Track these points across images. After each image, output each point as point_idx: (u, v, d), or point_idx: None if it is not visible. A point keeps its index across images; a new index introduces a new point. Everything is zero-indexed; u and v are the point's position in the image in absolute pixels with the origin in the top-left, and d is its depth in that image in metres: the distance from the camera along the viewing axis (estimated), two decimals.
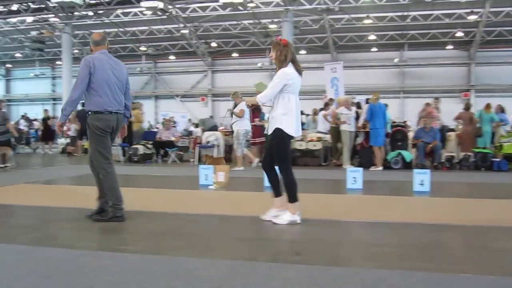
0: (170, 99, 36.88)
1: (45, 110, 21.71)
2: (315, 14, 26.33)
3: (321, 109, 16.13)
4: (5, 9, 28.51)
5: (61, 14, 27.02)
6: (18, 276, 3.48)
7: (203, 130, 14.73)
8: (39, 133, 24.88)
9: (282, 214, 5.38)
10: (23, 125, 22.50)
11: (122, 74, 5.61)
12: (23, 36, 32.65)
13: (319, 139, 13.97)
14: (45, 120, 19.93)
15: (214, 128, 15.20)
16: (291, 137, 5.37)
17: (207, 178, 8.62)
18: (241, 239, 4.85)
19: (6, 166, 12.71)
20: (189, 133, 21.43)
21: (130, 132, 15.34)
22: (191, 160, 14.22)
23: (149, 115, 27.90)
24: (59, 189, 8.88)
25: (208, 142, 13.55)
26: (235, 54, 34.11)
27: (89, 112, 5.50)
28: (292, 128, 5.30)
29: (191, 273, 3.53)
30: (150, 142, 14.72)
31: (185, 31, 30.71)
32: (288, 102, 5.28)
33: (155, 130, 16.59)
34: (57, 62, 36.45)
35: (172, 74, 37.21)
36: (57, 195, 7.90)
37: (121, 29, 31.71)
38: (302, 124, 18.51)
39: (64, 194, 8.01)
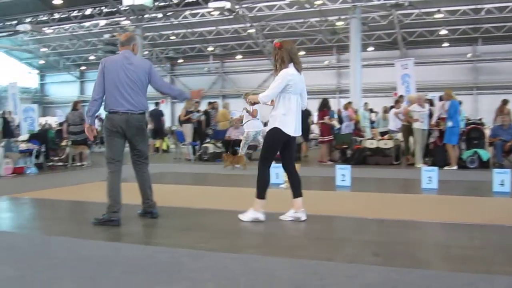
0: (237, 98, 37.12)
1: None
2: (384, 9, 25.76)
3: (392, 107, 15.78)
4: (80, 14, 29.69)
5: (132, 17, 27.81)
6: (102, 272, 3.58)
7: None
8: None
9: (248, 211, 5.45)
10: (97, 125, 23.23)
11: (137, 74, 5.47)
12: (96, 39, 33.81)
13: (391, 138, 13.66)
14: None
15: None
16: (288, 136, 5.39)
17: (278, 176, 8.59)
18: (316, 238, 4.80)
19: (82, 165, 13.23)
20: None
21: (200, 131, 15.58)
22: None
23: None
24: (132, 187, 9.11)
25: None
26: (301, 52, 33.94)
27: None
28: (291, 128, 5.38)
29: (271, 272, 3.51)
30: (220, 141, 14.88)
31: (252, 30, 30.89)
32: (289, 103, 5.36)
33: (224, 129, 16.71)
34: None
35: (239, 73, 37.53)
36: (130, 193, 8.11)
37: (189, 30, 32.26)
38: (372, 122, 18.31)
39: (137, 192, 8.20)
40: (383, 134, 15.34)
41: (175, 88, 5.98)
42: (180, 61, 38.26)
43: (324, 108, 13.79)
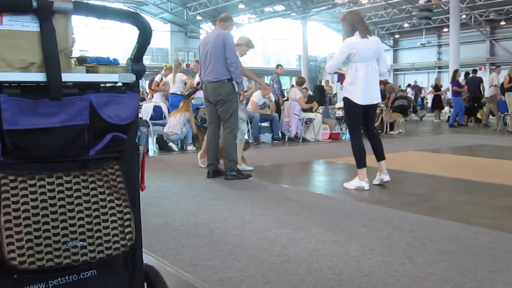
0: None
1: (436, 79, 21.77)
2: None
3: None
4: None
5: None
6: (416, 247, 3.34)
7: None
8: (425, 101, 25.17)
9: (353, 180, 5.56)
10: (410, 93, 23.00)
11: (215, 46, 6.06)
12: (411, 6, 33.31)
13: None
14: (435, 88, 19.88)
15: None
16: (360, 106, 5.38)
17: None
18: None
19: (400, 132, 13.18)
20: None
21: None
22: None
23: None
24: (446, 158, 8.64)
25: None
26: None
27: None
28: (359, 96, 5.36)
29: None
30: None
31: None
32: (356, 71, 5.38)
33: None
34: (444, 30, 36.07)
35: None
36: (444, 164, 7.67)
37: None
38: None
39: (451, 164, 7.72)
40: None
41: (237, 69, 6.14)
42: (502, 23, 34.92)
43: None
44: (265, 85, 10.75)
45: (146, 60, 31.09)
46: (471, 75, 16.99)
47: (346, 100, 5.55)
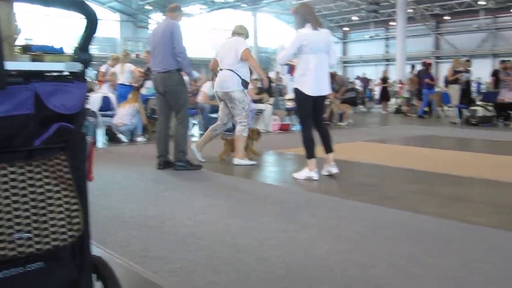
0: (511, 57, 33.56)
1: (384, 71, 22.20)
2: None
3: None
4: None
5: None
6: (365, 234, 3.43)
7: None
8: (372, 93, 25.67)
9: (303, 170, 5.63)
10: (358, 85, 23.38)
11: (163, 36, 6.00)
12: None
13: None
14: (383, 80, 20.29)
15: None
16: (310, 97, 5.46)
17: None
18: None
19: (349, 123, 13.41)
20: None
21: (468, 92, 14.40)
22: None
23: (485, 74, 25.80)
24: (393, 149, 8.85)
25: None
26: None
27: None
28: (309, 88, 5.44)
29: None
30: (490, 103, 13.51)
31: None
32: (307, 63, 5.43)
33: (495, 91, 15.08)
34: (391, 23, 36.81)
35: None
36: (392, 155, 7.87)
37: None
38: None
39: (398, 154, 7.92)
40: None
41: (185, 60, 6.10)
42: (446, 18, 35.95)
43: None
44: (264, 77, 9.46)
45: (95, 50, 30.41)
46: (418, 68, 17.39)
47: (296, 91, 5.59)
